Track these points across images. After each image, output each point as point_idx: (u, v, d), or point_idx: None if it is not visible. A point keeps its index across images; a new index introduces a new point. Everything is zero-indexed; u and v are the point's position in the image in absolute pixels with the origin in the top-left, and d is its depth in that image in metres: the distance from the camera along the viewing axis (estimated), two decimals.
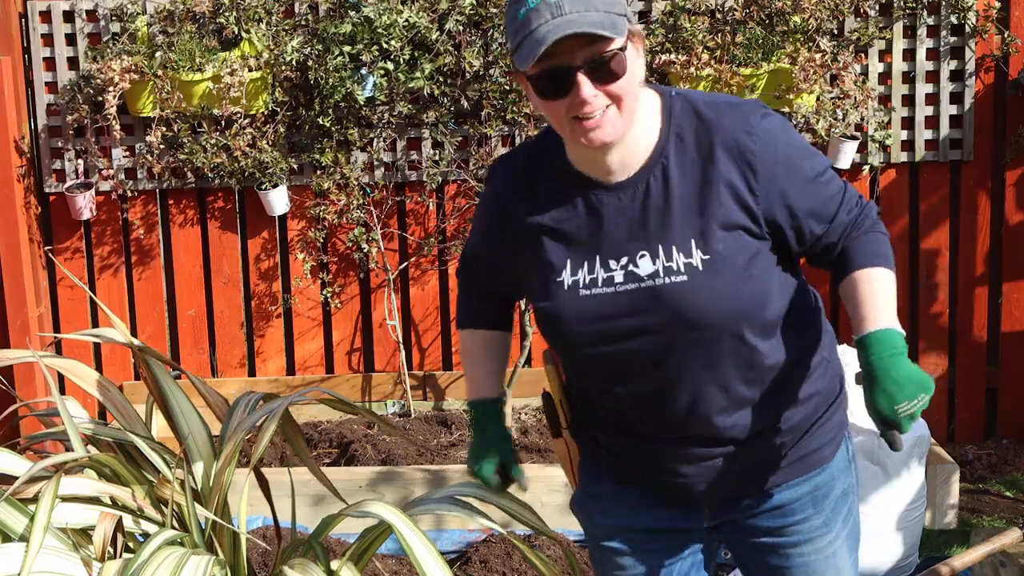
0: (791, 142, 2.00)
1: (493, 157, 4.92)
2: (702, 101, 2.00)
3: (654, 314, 1.97)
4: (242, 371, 5.23)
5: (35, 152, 5.07)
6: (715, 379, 2.01)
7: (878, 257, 2.01)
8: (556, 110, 1.93)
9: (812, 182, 2.01)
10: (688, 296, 1.95)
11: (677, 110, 1.99)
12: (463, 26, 4.83)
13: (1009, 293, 5.02)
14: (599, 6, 1.86)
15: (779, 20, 4.74)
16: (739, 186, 1.95)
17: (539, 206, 2.05)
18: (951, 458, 4.32)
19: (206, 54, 4.80)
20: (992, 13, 4.80)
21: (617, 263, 1.99)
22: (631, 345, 2.00)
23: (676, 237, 1.96)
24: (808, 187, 2.00)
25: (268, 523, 4.11)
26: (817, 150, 2.08)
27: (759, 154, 1.95)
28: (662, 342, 1.99)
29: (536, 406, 5.11)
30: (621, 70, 1.89)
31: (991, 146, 4.95)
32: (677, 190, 1.96)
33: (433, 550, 2.43)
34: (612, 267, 2.00)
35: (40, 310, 5.11)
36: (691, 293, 1.95)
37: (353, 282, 5.17)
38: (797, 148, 2.01)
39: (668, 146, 1.98)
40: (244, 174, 4.94)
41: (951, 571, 3.49)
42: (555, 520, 4.31)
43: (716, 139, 1.95)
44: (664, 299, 1.96)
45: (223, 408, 2.84)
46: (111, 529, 2.43)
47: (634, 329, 1.99)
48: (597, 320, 2.01)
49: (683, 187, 1.96)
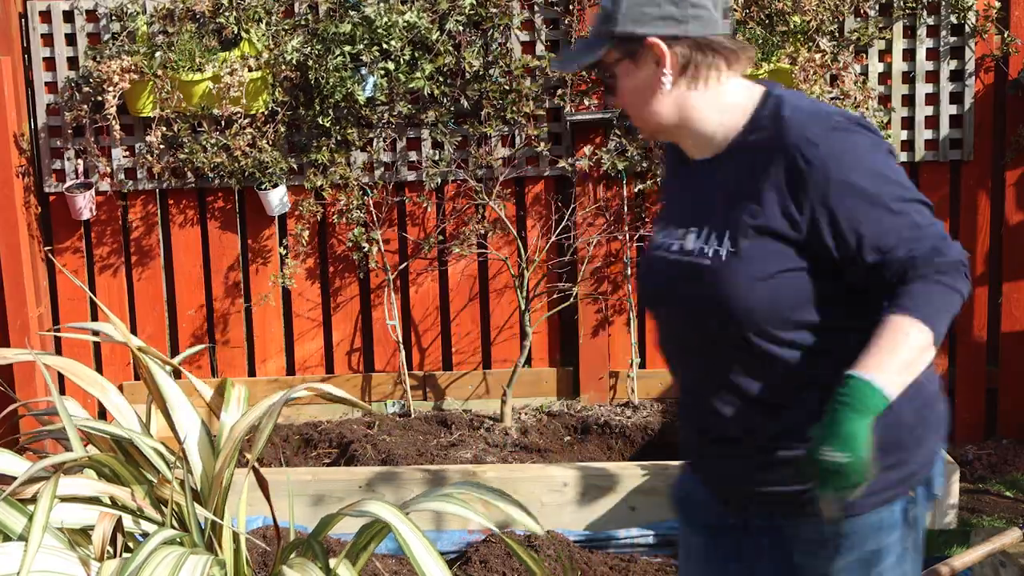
0: (863, 162, 1.94)
1: (493, 157, 4.93)
2: (793, 105, 2.02)
3: (682, 288, 2.06)
4: (242, 371, 5.23)
5: (35, 152, 5.07)
6: (717, 367, 2.06)
7: (915, 309, 1.88)
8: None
9: (876, 207, 1.92)
10: (704, 280, 2.01)
11: (765, 110, 2.03)
12: (463, 26, 4.83)
13: (1009, 293, 5.02)
14: (592, 30, 2.09)
15: (779, 20, 4.74)
16: (786, 194, 1.95)
17: (668, 171, 2.27)
18: (951, 458, 4.32)
19: (206, 54, 4.80)
20: (992, 13, 4.81)
21: (677, 232, 2.11)
22: (668, 315, 2.14)
23: (716, 224, 2.03)
24: (870, 211, 1.92)
25: (268, 523, 4.11)
26: (905, 180, 1.97)
27: (814, 165, 1.93)
28: (685, 318, 2.09)
29: (536, 406, 5.11)
30: (613, 84, 2.08)
31: (991, 146, 4.95)
32: (730, 183, 2.02)
33: (432, 549, 2.43)
34: (674, 235, 2.11)
35: (40, 310, 5.11)
36: (708, 278, 2.01)
37: (353, 282, 5.17)
38: (869, 169, 1.94)
39: (739, 141, 2.04)
40: (244, 174, 4.94)
41: (951, 571, 3.49)
42: (555, 520, 4.31)
43: (779, 144, 1.97)
44: (691, 277, 2.04)
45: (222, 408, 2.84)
46: (110, 529, 2.43)
47: (669, 297, 2.11)
48: (651, 279, 2.18)
49: (736, 182, 2.02)
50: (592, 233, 4.98)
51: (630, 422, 4.85)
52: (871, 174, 1.94)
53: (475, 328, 5.17)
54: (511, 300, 5.11)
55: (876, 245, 1.92)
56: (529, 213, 5.08)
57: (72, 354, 4.94)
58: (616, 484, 4.34)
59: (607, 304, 5.08)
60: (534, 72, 4.93)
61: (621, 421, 4.87)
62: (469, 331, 5.16)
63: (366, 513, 2.49)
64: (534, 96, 4.91)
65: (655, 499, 4.33)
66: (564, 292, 5.05)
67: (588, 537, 4.25)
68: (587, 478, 4.35)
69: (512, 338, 5.13)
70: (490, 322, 5.16)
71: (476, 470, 4.41)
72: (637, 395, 5.08)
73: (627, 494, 4.33)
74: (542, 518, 4.36)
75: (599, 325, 5.08)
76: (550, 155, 4.99)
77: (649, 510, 4.33)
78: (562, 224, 4.98)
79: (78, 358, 3.57)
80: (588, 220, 4.99)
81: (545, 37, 4.93)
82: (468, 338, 5.17)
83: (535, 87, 4.90)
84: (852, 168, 1.93)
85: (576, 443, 4.83)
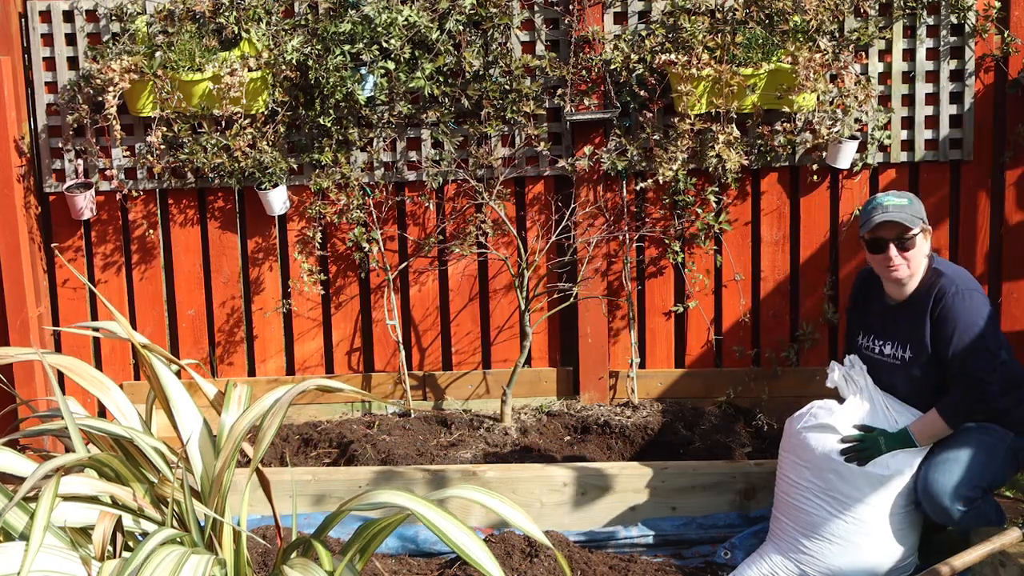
0: (961, 315, 3.73)
1: (493, 157, 4.93)
2: (944, 272, 3.80)
3: (887, 376, 3.94)
4: (242, 371, 5.23)
5: (35, 152, 5.07)
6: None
7: (945, 408, 3.77)
8: (877, 261, 3.85)
9: (955, 343, 3.74)
10: (896, 373, 3.90)
11: (931, 273, 3.83)
12: (463, 25, 4.83)
13: (1009, 293, 5.02)
14: (908, 212, 3.76)
15: (779, 20, 4.74)
16: (930, 324, 3.78)
17: (866, 303, 4.06)
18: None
19: (206, 54, 4.80)
20: (992, 13, 4.81)
21: (880, 342, 3.94)
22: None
23: (901, 339, 3.87)
24: (952, 339, 3.74)
25: (269, 522, 4.11)
26: (982, 337, 3.72)
27: (943, 312, 3.75)
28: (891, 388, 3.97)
29: (536, 406, 5.11)
30: (912, 246, 3.78)
31: (991, 146, 4.95)
32: (912, 315, 3.83)
33: (464, 527, 2.40)
34: (877, 343, 3.95)
35: (40, 310, 5.11)
36: (898, 372, 3.90)
37: (353, 282, 5.17)
38: (963, 321, 3.72)
39: (922, 290, 3.83)
40: (244, 174, 4.94)
41: (951, 571, 3.50)
42: (555, 520, 4.31)
43: (934, 295, 3.77)
44: (888, 369, 3.92)
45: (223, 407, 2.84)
46: (111, 528, 2.43)
47: (884, 381, 3.97)
48: (867, 367, 3.98)
49: (913, 315, 3.83)
50: (592, 233, 4.98)
51: (630, 422, 4.86)
52: (963, 325, 3.74)
53: (475, 328, 5.17)
54: (511, 300, 5.11)
55: (950, 365, 3.79)
56: (529, 213, 5.08)
57: (72, 354, 4.94)
58: (616, 484, 4.34)
59: (607, 304, 5.07)
60: (534, 72, 4.93)
61: (621, 421, 4.87)
62: (469, 331, 5.16)
63: (379, 505, 2.48)
64: (534, 96, 4.91)
65: (655, 499, 4.33)
66: (564, 292, 5.05)
67: (588, 537, 4.25)
68: (587, 478, 4.35)
69: (512, 338, 5.13)
70: (490, 322, 5.16)
71: (476, 470, 4.41)
72: (637, 395, 5.08)
73: (627, 494, 4.33)
74: (542, 518, 4.38)
75: (599, 325, 5.08)
76: (550, 155, 4.99)
77: (649, 510, 4.33)
78: (562, 224, 4.98)
79: (78, 358, 3.57)
80: (588, 220, 4.99)
81: (545, 37, 4.93)
82: (468, 338, 5.17)
83: (535, 87, 4.90)
84: (955, 317, 3.75)
85: (576, 443, 4.83)
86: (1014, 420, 3.84)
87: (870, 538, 3.75)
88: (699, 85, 4.69)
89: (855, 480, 3.74)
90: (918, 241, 3.77)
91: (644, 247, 5.08)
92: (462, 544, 2.41)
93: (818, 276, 5.06)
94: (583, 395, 5.12)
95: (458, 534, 2.42)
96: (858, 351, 3.98)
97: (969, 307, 3.72)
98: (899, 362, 3.85)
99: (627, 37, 4.87)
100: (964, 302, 3.73)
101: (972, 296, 3.74)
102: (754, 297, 5.11)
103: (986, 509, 3.76)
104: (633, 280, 5.06)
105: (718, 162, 4.81)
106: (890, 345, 3.88)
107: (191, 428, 2.74)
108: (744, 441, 4.78)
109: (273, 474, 4.30)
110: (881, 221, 3.75)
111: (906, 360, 3.83)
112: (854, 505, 3.75)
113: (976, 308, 3.72)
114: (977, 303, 3.74)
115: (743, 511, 4.32)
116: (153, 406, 2.94)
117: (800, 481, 3.85)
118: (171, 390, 2.78)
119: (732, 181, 4.93)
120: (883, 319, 3.87)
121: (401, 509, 2.53)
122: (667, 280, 5.10)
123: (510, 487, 4.32)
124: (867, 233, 3.80)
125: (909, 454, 3.76)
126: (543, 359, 5.17)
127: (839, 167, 4.86)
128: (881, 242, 3.78)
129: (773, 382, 5.08)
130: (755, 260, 5.08)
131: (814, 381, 4.93)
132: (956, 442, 3.75)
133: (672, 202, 5.00)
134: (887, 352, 3.88)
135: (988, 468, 3.73)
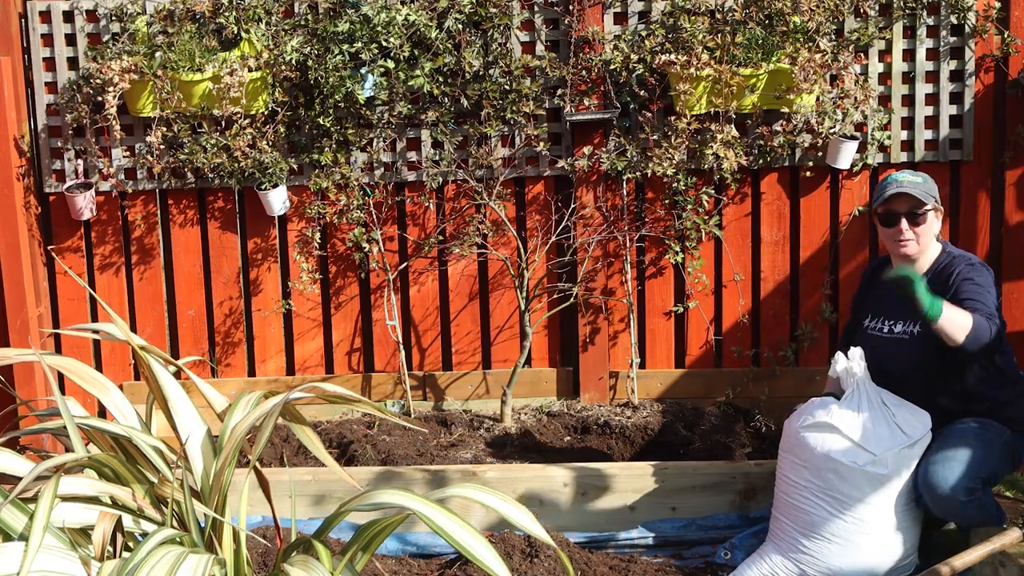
0: (973, 275, 3.79)
1: (493, 157, 4.93)
2: (953, 254, 3.90)
3: (893, 354, 3.94)
4: (242, 371, 5.23)
5: (35, 152, 5.08)
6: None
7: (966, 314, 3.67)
8: (888, 235, 3.89)
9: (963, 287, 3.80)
10: (902, 349, 3.93)
11: (943, 255, 3.91)
12: (463, 25, 4.84)
13: (1009, 293, 5.02)
14: (921, 188, 3.82)
15: (779, 20, 4.74)
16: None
17: (877, 289, 4.05)
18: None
19: (206, 54, 4.80)
20: (992, 13, 4.81)
21: (891, 322, 3.96)
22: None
23: (915, 316, 3.79)
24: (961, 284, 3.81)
25: (269, 522, 4.11)
26: (988, 292, 3.77)
27: (955, 279, 3.80)
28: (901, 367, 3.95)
29: (536, 406, 5.11)
30: (923, 221, 3.84)
31: (991, 146, 4.96)
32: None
33: (466, 524, 2.39)
34: (888, 323, 3.98)
35: (40, 310, 5.11)
36: (905, 348, 3.92)
37: (353, 282, 5.17)
38: (975, 280, 3.78)
39: (934, 269, 3.89)
40: (244, 174, 4.94)
41: (951, 571, 3.49)
42: (555, 520, 4.31)
43: (951, 272, 3.83)
44: (895, 346, 3.94)
45: (223, 407, 2.84)
46: (110, 528, 2.43)
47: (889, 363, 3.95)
48: (871, 350, 3.92)
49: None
50: (592, 233, 4.98)
51: (630, 422, 4.86)
52: (968, 278, 3.80)
53: (475, 328, 5.17)
54: (511, 300, 5.11)
55: (963, 301, 3.75)
56: (529, 213, 5.08)
57: (72, 354, 4.95)
58: (616, 484, 4.34)
59: (607, 304, 5.07)
60: (534, 72, 4.93)
61: (621, 421, 4.87)
62: (469, 331, 5.16)
63: (380, 505, 2.47)
64: (534, 96, 4.91)
65: (655, 499, 4.33)
66: (564, 292, 5.05)
67: (588, 537, 4.24)
68: (587, 478, 4.35)
69: (512, 338, 5.13)
70: (490, 322, 5.16)
71: (476, 470, 4.41)
72: (637, 395, 5.08)
73: (627, 494, 4.33)
74: (542, 518, 4.36)
75: (599, 325, 5.08)
76: (550, 155, 5.00)
77: (649, 510, 4.33)
78: (562, 224, 4.98)
79: (78, 358, 3.57)
80: (588, 220, 4.99)
81: (545, 37, 4.93)
82: (468, 338, 5.17)
83: (535, 87, 4.90)
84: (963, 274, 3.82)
85: (576, 443, 4.83)
86: (1010, 417, 3.85)
87: (870, 538, 3.75)
88: (699, 85, 4.69)
89: (855, 479, 3.74)
90: (929, 217, 3.82)
91: (644, 247, 5.08)
92: (465, 543, 2.41)
93: (818, 276, 5.06)
94: (583, 395, 5.12)
95: (461, 533, 2.41)
96: (863, 335, 3.99)
97: (980, 272, 3.81)
98: (907, 337, 3.88)
99: (627, 37, 4.87)
100: (975, 269, 3.82)
101: (984, 268, 3.85)
102: (754, 297, 5.11)
103: (987, 501, 3.77)
104: (633, 280, 5.06)
105: (716, 161, 4.81)
106: (901, 323, 3.91)
107: (190, 428, 2.74)
108: (744, 441, 4.78)
109: (273, 474, 4.30)
110: (895, 193, 3.80)
111: (915, 335, 3.85)
112: (854, 504, 3.74)
113: (986, 275, 3.81)
114: (987, 274, 3.83)
115: (743, 511, 4.32)
116: (153, 407, 2.93)
117: (799, 481, 3.84)
118: (169, 391, 2.78)
119: (732, 181, 4.93)
120: (897, 299, 3.80)
121: (402, 509, 2.52)
122: (667, 280, 5.10)
123: (510, 487, 4.32)
124: (880, 206, 3.84)
125: (908, 454, 3.76)
126: (543, 359, 5.17)
127: (839, 167, 4.86)
128: (893, 215, 3.82)
129: (773, 382, 5.08)
130: (755, 260, 5.09)
131: (813, 381, 4.93)
132: (954, 438, 3.76)
133: (672, 202, 5.00)
134: (897, 330, 3.91)
135: (987, 461, 3.74)
